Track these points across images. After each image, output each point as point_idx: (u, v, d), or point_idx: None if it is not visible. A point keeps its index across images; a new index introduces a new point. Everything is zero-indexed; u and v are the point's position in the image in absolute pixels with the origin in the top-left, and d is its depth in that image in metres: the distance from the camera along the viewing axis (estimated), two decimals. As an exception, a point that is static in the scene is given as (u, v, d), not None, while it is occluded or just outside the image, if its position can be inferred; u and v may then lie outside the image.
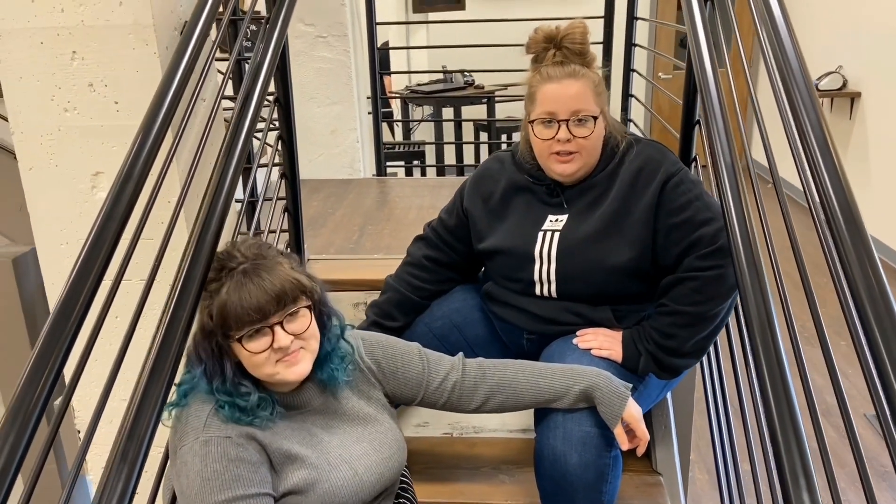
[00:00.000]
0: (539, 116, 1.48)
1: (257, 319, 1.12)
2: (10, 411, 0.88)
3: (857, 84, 4.84)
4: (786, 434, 0.87)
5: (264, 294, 1.12)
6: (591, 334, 1.52)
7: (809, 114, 1.03)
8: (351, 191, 2.94)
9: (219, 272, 1.16)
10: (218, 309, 1.12)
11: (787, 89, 1.08)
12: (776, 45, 1.13)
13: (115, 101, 1.40)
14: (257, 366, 1.16)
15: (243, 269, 1.14)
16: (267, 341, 1.14)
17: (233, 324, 1.12)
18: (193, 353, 1.16)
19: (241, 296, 1.12)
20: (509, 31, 3.53)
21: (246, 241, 1.21)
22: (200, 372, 1.15)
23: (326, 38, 2.96)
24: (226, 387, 1.15)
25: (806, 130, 1.01)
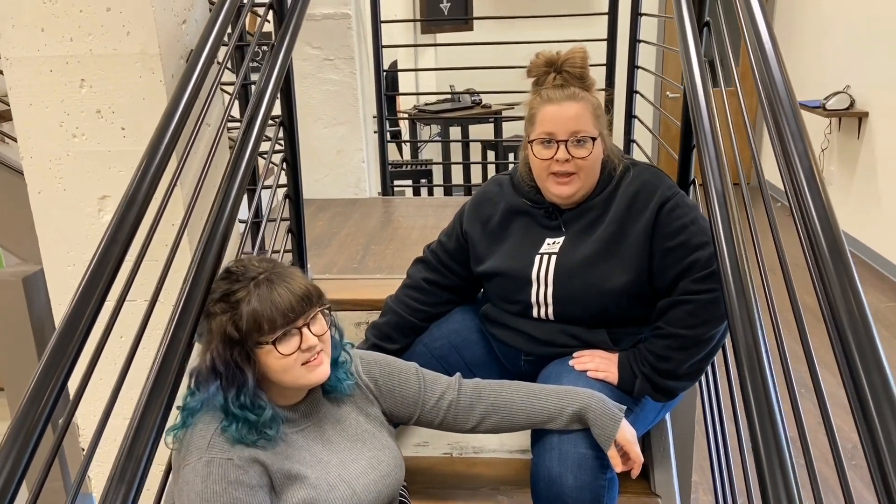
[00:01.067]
0: (538, 137, 1.51)
1: (290, 320, 1.17)
2: (13, 428, 0.91)
3: (864, 104, 4.84)
4: (772, 468, 0.88)
5: (293, 296, 1.17)
6: (588, 356, 1.54)
7: (797, 143, 1.05)
8: (356, 210, 2.97)
9: (239, 282, 1.19)
10: (249, 315, 1.16)
11: (775, 118, 1.10)
12: (764, 73, 1.16)
13: (121, 128, 1.44)
14: (285, 369, 1.19)
15: (266, 277, 1.19)
16: (296, 342, 1.18)
17: (266, 327, 1.16)
18: (208, 368, 1.18)
19: (272, 299, 1.16)
20: (516, 52, 3.57)
21: (252, 257, 1.26)
22: (217, 386, 1.17)
23: (333, 61, 3.01)
24: (241, 400, 1.17)
25: (793, 160, 1.03)
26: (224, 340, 1.18)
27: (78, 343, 1.00)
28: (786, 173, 1.06)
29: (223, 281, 1.22)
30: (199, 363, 1.20)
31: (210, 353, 1.18)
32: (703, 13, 1.79)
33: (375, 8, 3.17)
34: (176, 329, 1.15)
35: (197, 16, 1.56)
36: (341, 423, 1.33)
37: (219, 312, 1.19)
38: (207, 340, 1.20)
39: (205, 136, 1.56)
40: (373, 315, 1.81)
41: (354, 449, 1.31)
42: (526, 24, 4.81)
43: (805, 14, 5.87)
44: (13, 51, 1.39)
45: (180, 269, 1.35)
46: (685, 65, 1.49)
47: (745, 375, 0.96)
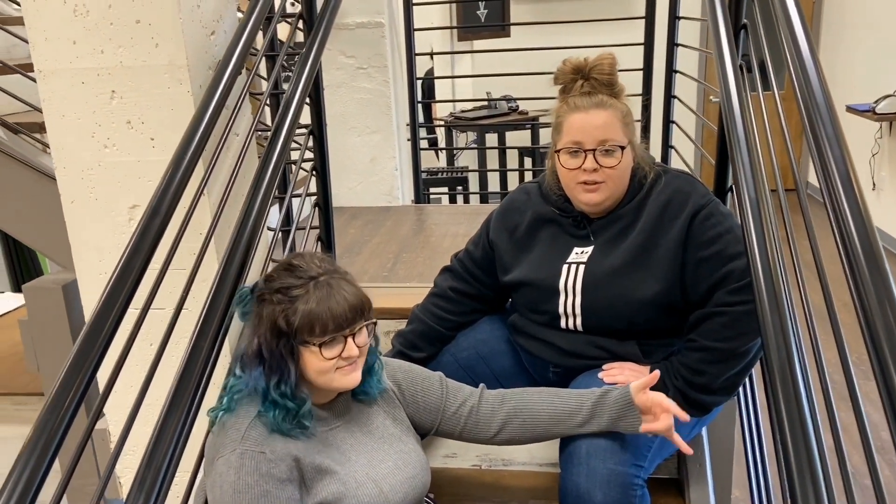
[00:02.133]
0: (565, 146, 1.48)
1: (340, 328, 1.20)
2: (32, 438, 0.91)
3: (914, 108, 4.68)
4: (804, 482, 0.84)
5: (348, 305, 1.20)
6: (618, 368, 1.50)
7: (833, 149, 1.00)
8: (389, 218, 2.97)
9: (300, 279, 1.21)
10: (304, 314, 1.18)
11: (812, 122, 1.05)
12: (800, 75, 1.11)
13: (150, 138, 1.45)
14: (322, 372, 1.22)
15: (326, 279, 1.21)
16: (339, 349, 1.21)
17: (318, 330, 1.19)
18: (253, 353, 1.22)
19: (329, 304, 1.19)
20: (553, 57, 3.53)
21: (314, 254, 1.28)
22: (260, 371, 1.20)
23: (367, 70, 3.02)
24: (282, 388, 1.20)
25: (829, 165, 0.99)
26: (273, 330, 1.21)
27: (100, 349, 1.01)
28: (822, 179, 1.01)
29: (285, 272, 1.24)
30: (246, 347, 1.23)
31: (257, 339, 1.22)
32: (739, 16, 1.74)
33: (409, 16, 3.17)
34: (198, 338, 1.15)
35: (226, 27, 1.57)
36: (369, 424, 1.35)
37: (274, 302, 1.21)
38: (255, 325, 1.23)
39: (233, 145, 1.57)
40: (402, 324, 1.80)
41: (381, 450, 1.33)
42: (563, 29, 4.78)
43: (854, 16, 5.69)
44: (46, 63, 1.42)
45: (207, 278, 1.37)
46: (719, 68, 1.45)
47: (777, 392, 0.92)
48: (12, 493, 0.85)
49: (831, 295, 1.03)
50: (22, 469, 0.88)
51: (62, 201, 1.50)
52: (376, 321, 1.29)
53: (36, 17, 1.41)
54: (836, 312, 1.00)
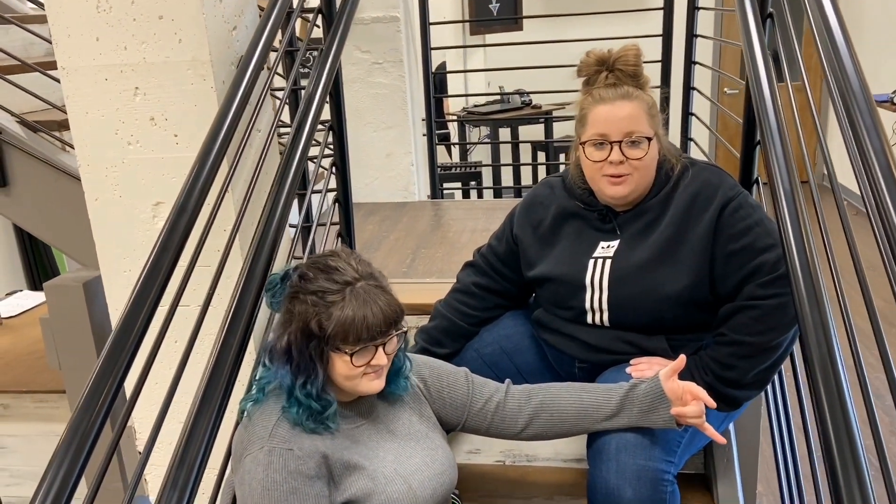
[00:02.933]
0: (591, 138, 1.46)
1: (374, 337, 1.19)
2: (70, 430, 0.91)
3: (934, 97, 4.61)
4: (849, 482, 0.82)
5: (384, 317, 1.19)
6: (646, 363, 1.48)
7: (873, 140, 0.98)
8: (405, 214, 2.96)
9: (336, 283, 1.20)
10: (339, 321, 1.17)
11: (849, 112, 1.03)
12: (835, 65, 1.09)
13: (174, 134, 1.45)
14: (348, 377, 1.22)
15: (362, 287, 1.20)
16: (369, 358, 1.21)
17: (351, 338, 1.18)
18: (282, 350, 1.21)
19: (364, 314, 1.18)
20: (567, 50, 3.50)
21: (351, 254, 1.27)
22: (287, 369, 1.20)
23: (382, 65, 3.01)
24: (308, 389, 1.20)
25: (868, 157, 0.97)
26: (304, 331, 1.20)
27: (132, 347, 1.00)
28: (861, 171, 0.99)
29: (322, 274, 1.22)
30: (275, 341, 1.22)
31: (288, 336, 1.21)
32: (766, 4, 1.71)
33: (424, 10, 3.15)
34: (227, 335, 1.14)
35: (247, 21, 1.57)
36: (395, 422, 1.34)
37: (309, 304, 1.20)
38: (286, 320, 1.22)
39: (255, 142, 1.56)
40: (422, 320, 1.79)
41: (408, 447, 1.32)
42: (576, 22, 4.75)
43: (870, 5, 5.63)
44: (69, 60, 1.42)
45: (232, 275, 1.36)
46: (748, 58, 1.42)
47: (818, 386, 0.90)
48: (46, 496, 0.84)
49: (870, 291, 1.01)
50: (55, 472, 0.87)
51: (86, 199, 1.50)
52: (407, 329, 1.28)
53: (59, 14, 1.40)
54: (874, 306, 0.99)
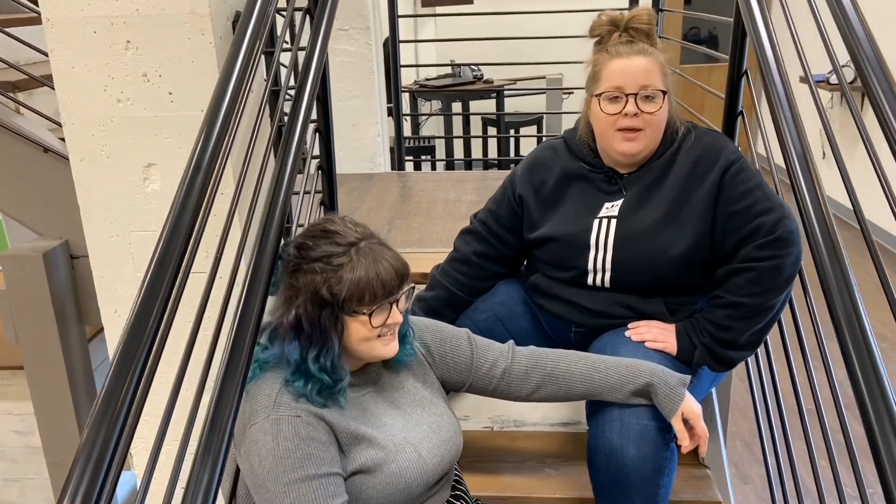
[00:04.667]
0: (605, 90, 1.46)
1: (388, 294, 1.16)
2: (99, 409, 0.86)
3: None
4: (883, 430, 0.86)
5: (395, 271, 1.17)
6: (645, 326, 1.51)
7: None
8: (374, 185, 2.92)
9: (339, 245, 1.17)
10: (352, 283, 1.14)
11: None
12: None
13: (168, 92, 1.38)
14: (366, 340, 1.19)
15: (368, 245, 1.17)
16: (384, 317, 1.18)
17: (367, 298, 1.15)
18: (289, 325, 1.17)
19: (378, 271, 1.15)
20: (518, 25, 3.51)
21: (345, 218, 1.23)
22: (296, 344, 1.16)
23: (348, 31, 2.94)
24: (321, 362, 1.16)
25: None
26: (315, 301, 1.16)
27: (157, 317, 0.95)
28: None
29: (322, 240, 1.18)
30: (277, 318, 1.18)
31: (296, 310, 1.16)
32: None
33: (390, -24, 3.10)
34: (245, 303, 1.10)
35: (241, -25, 1.49)
36: (400, 389, 1.33)
37: (316, 272, 1.16)
38: (290, 296, 1.18)
39: (250, 104, 1.50)
40: (408, 289, 1.77)
41: (415, 414, 1.31)
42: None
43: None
44: (55, 11, 1.32)
45: (233, 241, 1.31)
46: (754, 38, 1.43)
47: (847, 344, 0.93)
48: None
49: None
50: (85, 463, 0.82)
51: (70, 160, 1.41)
52: (414, 286, 1.26)
53: (43, -40, 1.31)
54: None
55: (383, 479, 1.21)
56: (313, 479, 1.12)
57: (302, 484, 1.11)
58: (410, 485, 1.23)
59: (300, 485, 1.11)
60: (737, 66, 1.80)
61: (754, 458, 2.79)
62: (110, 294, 1.48)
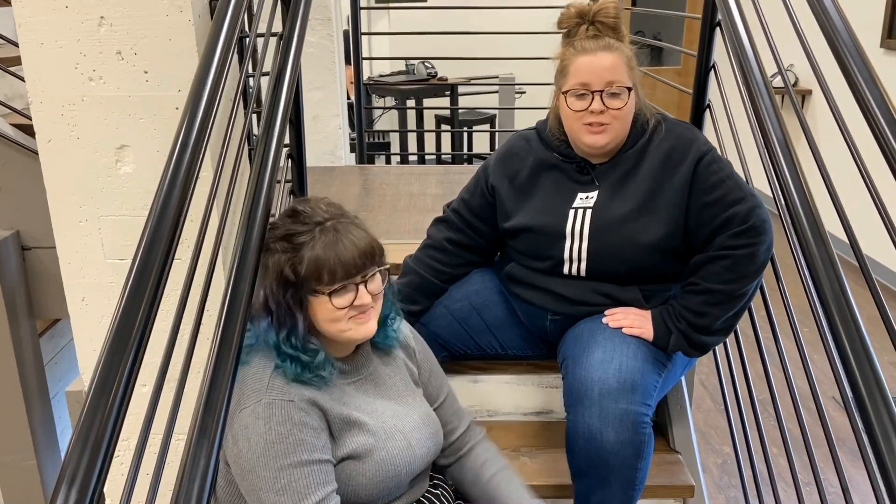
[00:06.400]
0: (572, 88, 1.48)
1: (350, 275, 1.14)
2: (94, 393, 0.82)
3: (808, 82, 5.05)
4: (872, 395, 0.90)
5: (358, 251, 1.14)
6: (621, 313, 1.54)
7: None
8: (335, 178, 2.88)
9: (305, 225, 1.15)
10: (310, 262, 1.12)
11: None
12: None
13: (144, 71, 1.33)
14: (333, 321, 1.16)
15: (332, 224, 1.15)
16: (350, 298, 1.15)
17: (326, 277, 1.12)
18: (260, 306, 1.15)
19: (336, 251, 1.12)
20: (473, 23, 3.52)
21: (320, 199, 1.21)
22: (268, 323, 1.15)
23: (310, 22, 2.88)
24: (292, 341, 1.15)
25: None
26: (279, 280, 1.15)
27: (150, 299, 0.91)
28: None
29: (288, 219, 1.17)
30: (255, 299, 1.15)
31: (264, 290, 1.15)
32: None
33: (352, -32, 3.06)
34: (234, 287, 1.06)
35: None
36: (392, 377, 1.32)
37: (279, 251, 1.15)
38: (262, 276, 1.16)
39: (226, 88, 1.46)
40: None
41: (406, 404, 1.30)
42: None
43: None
44: (23, -17, 1.26)
45: (212, 225, 1.27)
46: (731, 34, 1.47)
47: (836, 324, 0.96)
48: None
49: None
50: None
51: (38, 140, 1.35)
52: (390, 266, 1.24)
53: (11, -71, 1.24)
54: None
55: (373, 466, 1.20)
56: (304, 466, 1.10)
57: (293, 470, 1.09)
58: (399, 472, 1.22)
59: (291, 470, 1.09)
60: (705, 60, 1.85)
61: (711, 449, 2.86)
62: (77, 281, 1.42)
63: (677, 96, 5.04)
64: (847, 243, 1.10)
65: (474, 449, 1.39)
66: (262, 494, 1.10)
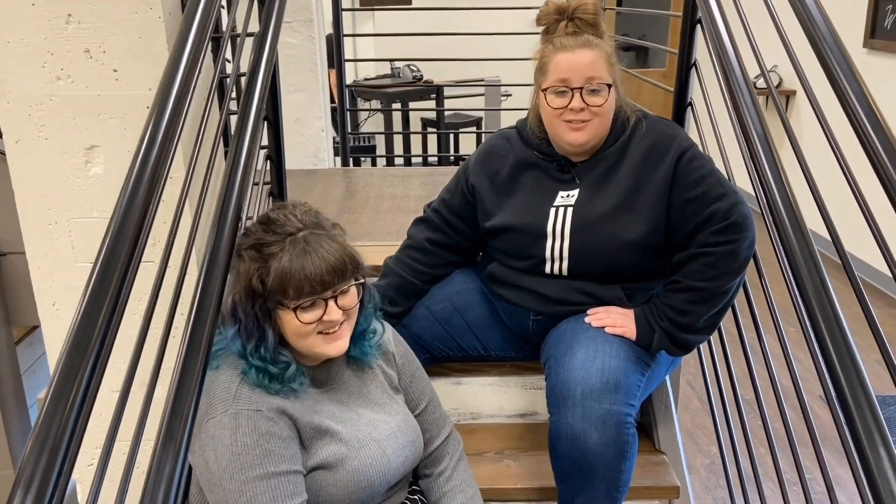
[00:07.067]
0: (552, 85, 1.47)
1: (317, 291, 1.10)
2: (46, 413, 0.79)
3: (792, 82, 5.07)
4: (854, 393, 0.88)
5: (327, 266, 1.09)
6: (604, 312, 1.52)
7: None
8: (318, 181, 2.86)
9: (276, 234, 1.11)
10: (277, 274, 1.08)
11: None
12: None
13: (113, 69, 1.30)
14: (301, 336, 1.13)
15: (304, 236, 1.11)
16: (318, 314, 1.11)
17: (292, 292, 1.09)
18: (228, 313, 1.12)
19: (303, 265, 1.08)
20: (458, 26, 3.51)
21: (298, 206, 1.17)
22: (234, 332, 1.11)
23: (291, 24, 2.88)
24: (261, 353, 1.11)
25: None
26: (247, 290, 1.12)
27: (113, 300, 0.88)
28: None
29: (261, 226, 1.14)
30: (223, 304, 1.12)
31: (232, 298, 1.12)
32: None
33: (333, -30, 3.05)
34: (203, 290, 1.03)
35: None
36: (367, 386, 1.29)
37: (248, 259, 1.12)
38: (234, 281, 1.13)
39: (199, 87, 1.44)
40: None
41: (382, 412, 1.27)
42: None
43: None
44: (-12, -20, 1.23)
45: (184, 227, 1.24)
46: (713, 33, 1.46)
47: (817, 318, 0.95)
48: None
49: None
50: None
51: (5, 141, 1.32)
52: (364, 280, 1.20)
53: (-26, -75, 1.22)
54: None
55: (344, 476, 1.17)
56: (271, 478, 1.07)
57: (259, 482, 1.06)
58: (372, 483, 1.19)
59: (257, 483, 1.06)
60: (686, 58, 1.84)
61: (698, 449, 2.85)
62: (48, 286, 1.39)
63: (662, 97, 5.05)
64: (829, 241, 1.09)
65: (444, 472, 1.35)
66: None
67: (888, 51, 3.98)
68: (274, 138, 1.89)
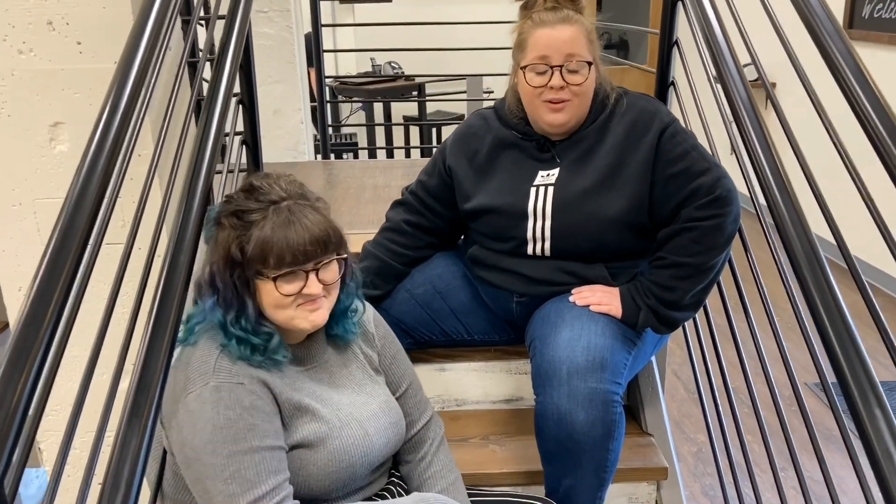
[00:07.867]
0: (531, 62, 1.44)
1: (299, 262, 1.06)
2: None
3: (772, 75, 5.08)
4: (848, 357, 0.86)
5: (310, 237, 1.06)
6: (588, 291, 1.49)
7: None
8: (297, 173, 2.75)
9: (259, 202, 1.07)
10: (258, 243, 1.04)
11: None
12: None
13: (77, 42, 1.25)
14: (279, 307, 1.09)
15: (288, 206, 1.07)
16: (299, 286, 1.07)
17: (272, 261, 1.05)
18: (207, 282, 1.08)
19: (286, 235, 1.04)
20: (438, 17, 3.48)
21: (283, 176, 1.13)
22: (213, 302, 1.07)
23: (268, 14, 2.83)
24: (242, 324, 1.07)
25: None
26: (226, 259, 1.07)
27: (63, 288, 0.83)
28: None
29: (243, 194, 1.10)
30: (201, 274, 1.08)
31: (210, 267, 1.08)
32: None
33: (310, -41, 3.01)
34: (167, 277, 0.99)
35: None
36: (348, 367, 1.25)
37: (227, 227, 1.08)
38: (212, 249, 1.09)
39: (167, 61, 1.39)
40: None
41: (364, 392, 1.23)
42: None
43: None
44: (-57, -52, 1.19)
45: (154, 207, 1.20)
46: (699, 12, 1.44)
47: (814, 297, 0.92)
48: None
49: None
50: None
51: (-36, 118, 1.27)
52: (347, 256, 1.16)
53: None
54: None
55: (325, 456, 1.13)
56: (256, 452, 1.03)
57: (244, 456, 1.02)
58: (354, 464, 1.15)
59: (241, 457, 1.02)
60: (667, 36, 1.82)
61: (685, 437, 2.82)
62: (13, 270, 1.34)
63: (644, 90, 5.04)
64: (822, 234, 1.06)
65: (425, 458, 1.31)
66: (209, 483, 1.02)
67: (866, 40, 3.99)
68: (249, 122, 1.85)
